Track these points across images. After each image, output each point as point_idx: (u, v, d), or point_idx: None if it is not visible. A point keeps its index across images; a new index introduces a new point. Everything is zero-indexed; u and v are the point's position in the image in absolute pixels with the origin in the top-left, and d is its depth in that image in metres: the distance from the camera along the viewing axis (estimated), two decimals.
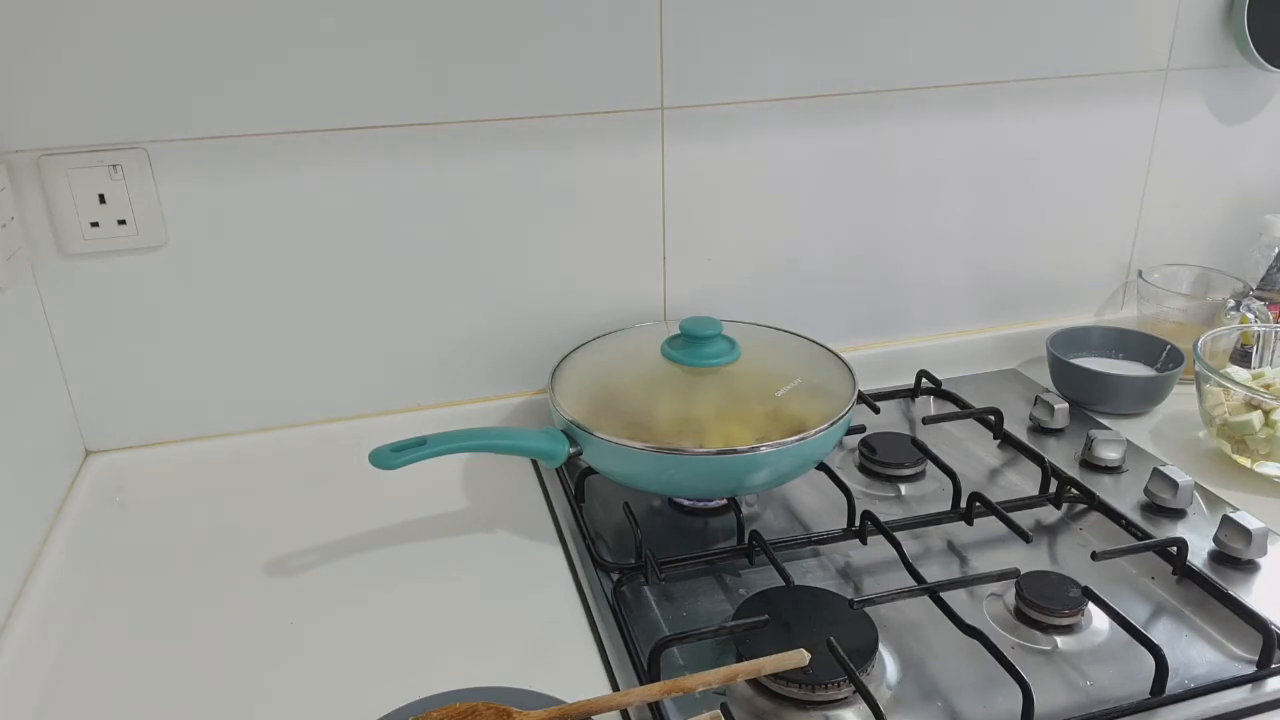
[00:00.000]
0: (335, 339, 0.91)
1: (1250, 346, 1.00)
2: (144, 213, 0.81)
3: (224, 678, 0.68)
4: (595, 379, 0.86)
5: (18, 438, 0.75)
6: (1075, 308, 1.16)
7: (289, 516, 0.86)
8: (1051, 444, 0.95)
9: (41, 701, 0.66)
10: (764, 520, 0.85)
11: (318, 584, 0.77)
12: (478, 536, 0.83)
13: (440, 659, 0.69)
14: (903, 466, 0.90)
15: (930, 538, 0.81)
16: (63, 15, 0.75)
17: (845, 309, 1.06)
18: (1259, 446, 0.87)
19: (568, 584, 0.77)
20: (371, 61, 0.82)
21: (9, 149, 0.77)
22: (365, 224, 0.87)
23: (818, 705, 0.63)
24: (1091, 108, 1.05)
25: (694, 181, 0.95)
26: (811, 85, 0.94)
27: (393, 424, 0.94)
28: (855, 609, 0.69)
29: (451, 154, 0.87)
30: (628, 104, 0.90)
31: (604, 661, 0.68)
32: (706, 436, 0.78)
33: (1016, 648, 0.69)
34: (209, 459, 0.90)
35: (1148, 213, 1.13)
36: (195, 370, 0.88)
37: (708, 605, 0.74)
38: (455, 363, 0.95)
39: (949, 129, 1.01)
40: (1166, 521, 0.82)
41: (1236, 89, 1.10)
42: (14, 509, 0.73)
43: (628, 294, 0.97)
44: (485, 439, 0.81)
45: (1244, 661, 0.67)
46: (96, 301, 0.84)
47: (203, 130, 0.81)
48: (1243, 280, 1.09)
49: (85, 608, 0.75)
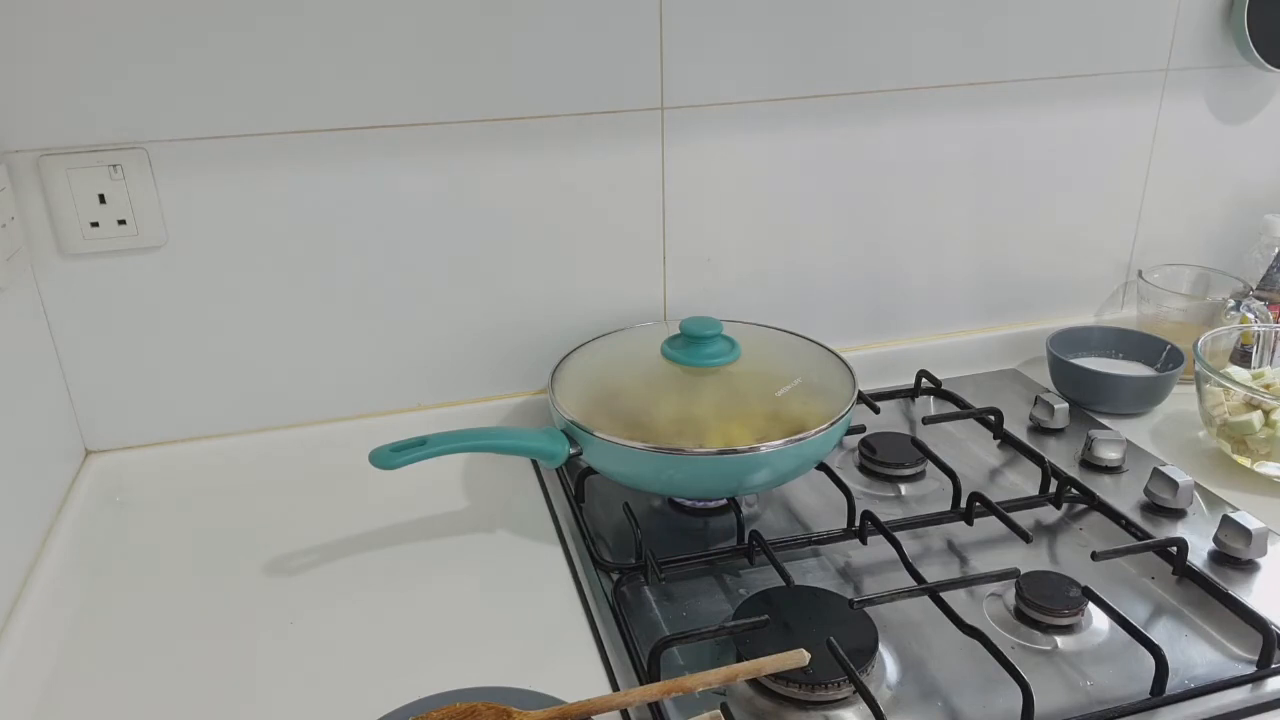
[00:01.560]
0: (335, 339, 0.91)
1: (1250, 346, 1.00)
2: (144, 213, 0.81)
3: (224, 678, 0.68)
4: (595, 379, 0.86)
5: (18, 438, 0.75)
6: (1075, 308, 1.16)
7: (289, 516, 0.86)
8: (1051, 444, 0.95)
9: (41, 701, 0.66)
10: (764, 520, 0.85)
11: (317, 584, 0.77)
12: (478, 536, 0.83)
13: (440, 659, 0.69)
14: (903, 466, 0.90)
15: (930, 538, 0.81)
16: (63, 15, 0.75)
17: (845, 309, 1.06)
18: (1259, 446, 0.87)
19: (568, 584, 0.77)
20: (371, 61, 0.82)
21: (9, 149, 0.77)
22: (365, 224, 0.87)
23: (818, 705, 0.63)
24: (1091, 108, 1.05)
25: (694, 181, 0.95)
26: (812, 85, 0.94)
27: (393, 424, 0.94)
28: (855, 609, 0.69)
29: (451, 153, 0.87)
30: (628, 104, 0.90)
31: (604, 661, 0.68)
32: (706, 436, 0.78)
33: (1016, 648, 0.69)
34: (209, 459, 0.90)
35: (1148, 213, 1.13)
36: (195, 370, 0.88)
37: (708, 605, 0.74)
38: (455, 363, 0.95)
39: (949, 129, 1.01)
40: (1166, 521, 0.82)
41: (1236, 89, 1.10)
42: (14, 509, 0.73)
43: (628, 294, 0.97)
44: (485, 439, 0.81)
45: (1244, 661, 0.67)
46: (96, 301, 0.84)
47: (203, 130, 0.81)
48: (1243, 280, 1.09)
49: (85, 608, 0.75)
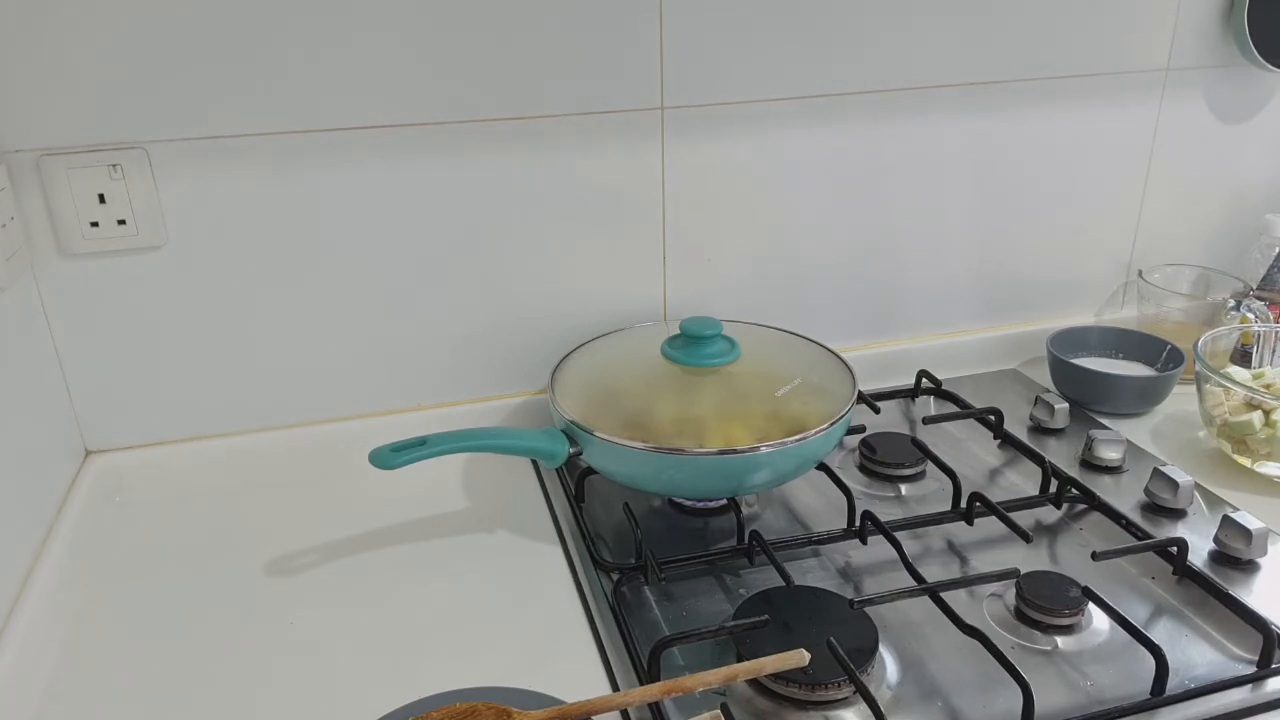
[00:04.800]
0: (335, 339, 0.91)
1: (1250, 346, 1.00)
2: (144, 213, 0.81)
3: (224, 678, 0.68)
4: (595, 379, 0.86)
5: (18, 438, 0.75)
6: (1075, 308, 1.16)
7: (289, 516, 0.86)
8: (1051, 444, 0.95)
9: (41, 701, 0.66)
10: (764, 520, 0.85)
11: (318, 584, 0.77)
12: (478, 536, 0.83)
13: (440, 659, 0.69)
14: (903, 466, 0.90)
15: (930, 538, 0.81)
16: (63, 15, 0.75)
17: (845, 309, 1.06)
18: (1259, 446, 0.87)
19: (568, 584, 0.77)
20: (371, 61, 0.82)
21: (9, 149, 0.77)
22: (365, 224, 0.87)
23: (818, 705, 0.63)
24: (1091, 108, 1.05)
25: (694, 181, 0.95)
26: (811, 85, 0.94)
27: (393, 424, 0.94)
28: (855, 609, 0.69)
29: (451, 154, 0.87)
30: (628, 104, 0.90)
31: (604, 661, 0.68)
32: (706, 436, 0.78)
33: (1016, 648, 0.69)
34: (209, 459, 0.90)
35: (1148, 213, 1.13)
36: (195, 370, 0.88)
37: (708, 605, 0.74)
38: (455, 363, 0.95)
39: (949, 129, 1.01)
40: (1167, 521, 0.82)
41: (1236, 89, 1.10)
42: (14, 509, 0.73)
43: (628, 294, 0.97)
44: (485, 439, 0.81)
45: (1244, 661, 0.67)
46: (97, 301, 0.84)
47: (203, 130, 0.81)
48: (1243, 280, 1.09)
49: (85, 608, 0.75)
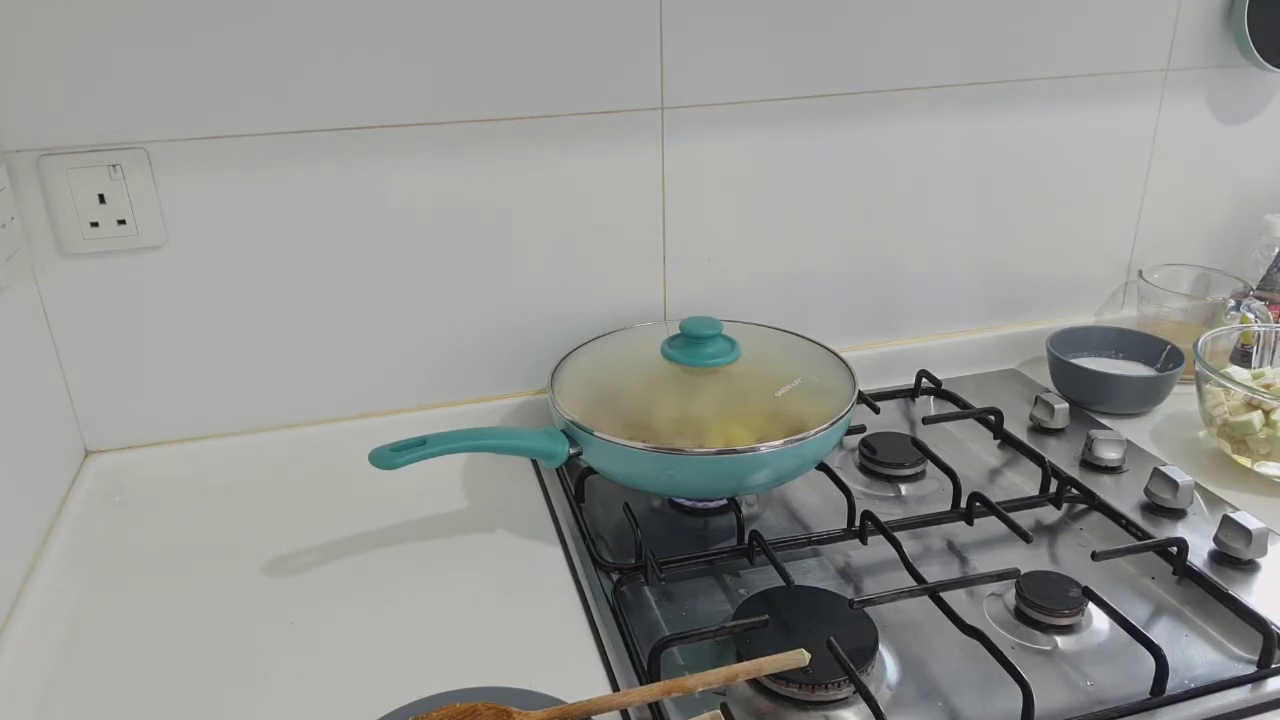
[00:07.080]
0: (335, 339, 0.90)
1: (1250, 346, 1.00)
2: (144, 213, 0.81)
3: (224, 678, 0.68)
4: (595, 379, 0.86)
5: (18, 438, 0.75)
6: (1075, 308, 1.16)
7: (289, 516, 0.86)
8: (1051, 444, 0.95)
9: (41, 701, 0.66)
10: (764, 520, 0.84)
11: (318, 584, 0.77)
12: (478, 536, 0.83)
13: (440, 659, 0.69)
14: (903, 466, 0.90)
15: (930, 538, 0.81)
16: (62, 15, 0.75)
17: (845, 309, 1.06)
18: (1259, 446, 0.87)
19: (568, 584, 0.77)
20: (371, 61, 0.82)
21: (9, 149, 0.77)
22: (365, 224, 0.87)
23: (818, 705, 0.63)
24: (1091, 108, 1.05)
25: (694, 181, 0.95)
26: (812, 85, 0.94)
27: (393, 424, 0.94)
28: (855, 609, 0.69)
29: (451, 154, 0.87)
30: (628, 104, 0.90)
31: (604, 661, 0.68)
32: (706, 436, 0.78)
33: (1016, 648, 0.69)
34: (209, 459, 0.90)
35: (1148, 213, 1.13)
36: (195, 370, 0.88)
37: (708, 605, 0.74)
38: (455, 363, 0.95)
39: (949, 129, 1.01)
40: (1166, 521, 0.82)
41: (1236, 89, 1.10)
42: (14, 509, 0.73)
43: (628, 294, 0.97)
44: (485, 439, 0.81)
45: (1244, 661, 0.67)
46: (96, 301, 0.84)
47: (203, 130, 0.81)
48: (1243, 280, 1.09)
49: (85, 608, 0.75)
